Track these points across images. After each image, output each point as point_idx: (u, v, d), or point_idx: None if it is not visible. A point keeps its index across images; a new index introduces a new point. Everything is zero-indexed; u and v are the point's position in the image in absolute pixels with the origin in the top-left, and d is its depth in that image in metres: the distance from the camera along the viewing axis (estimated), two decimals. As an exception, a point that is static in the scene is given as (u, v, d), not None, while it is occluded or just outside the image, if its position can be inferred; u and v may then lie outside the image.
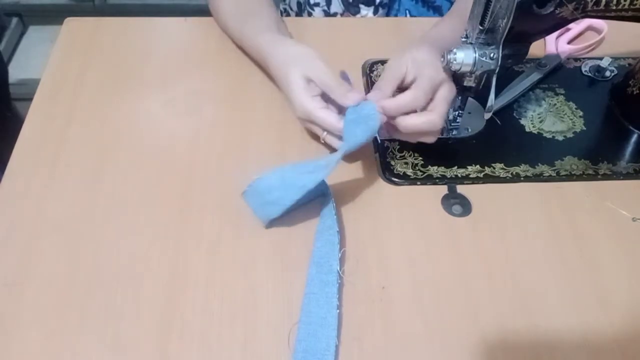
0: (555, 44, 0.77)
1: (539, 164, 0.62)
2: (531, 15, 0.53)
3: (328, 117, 0.57)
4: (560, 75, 0.73)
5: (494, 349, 0.48)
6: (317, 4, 0.86)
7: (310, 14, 0.87)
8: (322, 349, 0.46)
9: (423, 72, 0.56)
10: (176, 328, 0.48)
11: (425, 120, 0.56)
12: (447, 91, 0.57)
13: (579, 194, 0.60)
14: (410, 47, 0.59)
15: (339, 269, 0.51)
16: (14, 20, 1.93)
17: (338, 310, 0.49)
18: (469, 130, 0.65)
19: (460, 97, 0.62)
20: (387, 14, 0.86)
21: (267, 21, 0.69)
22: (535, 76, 0.72)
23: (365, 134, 0.55)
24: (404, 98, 0.56)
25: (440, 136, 0.64)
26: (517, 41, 0.55)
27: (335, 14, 0.86)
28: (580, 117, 0.68)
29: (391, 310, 0.50)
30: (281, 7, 0.94)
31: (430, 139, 0.59)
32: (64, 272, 0.51)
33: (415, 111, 0.57)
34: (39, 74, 0.71)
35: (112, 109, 0.67)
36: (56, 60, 0.73)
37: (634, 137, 0.66)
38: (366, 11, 0.84)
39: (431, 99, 0.57)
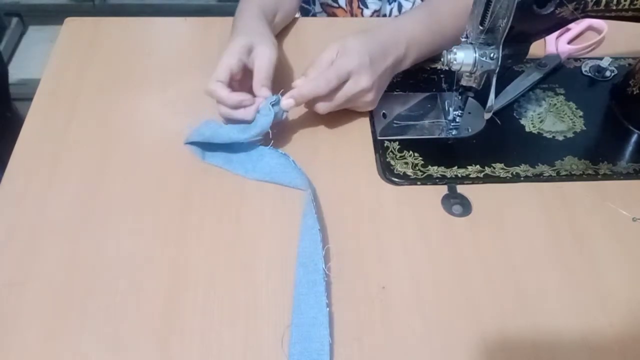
0: (555, 44, 0.77)
1: (539, 164, 0.62)
2: (531, 15, 0.53)
3: (225, 67, 0.58)
4: (560, 75, 0.73)
5: (494, 349, 0.48)
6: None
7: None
8: (317, 349, 0.46)
9: (337, 60, 0.58)
10: (176, 328, 0.48)
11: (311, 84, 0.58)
12: (350, 86, 0.58)
13: (579, 194, 0.60)
14: (347, 36, 0.60)
15: (324, 267, 0.51)
16: (14, 20, 1.93)
17: (328, 309, 0.48)
18: (469, 130, 0.65)
19: (460, 97, 0.62)
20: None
21: (256, 7, 0.69)
22: (535, 76, 0.72)
23: (260, 125, 0.58)
24: (308, 83, 0.58)
25: (440, 136, 0.64)
26: (517, 41, 0.55)
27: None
28: (580, 117, 0.68)
29: (391, 310, 0.50)
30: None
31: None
32: (64, 272, 0.51)
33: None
34: (39, 74, 0.71)
35: (112, 108, 0.67)
36: (56, 60, 0.73)
37: (634, 137, 0.66)
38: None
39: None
